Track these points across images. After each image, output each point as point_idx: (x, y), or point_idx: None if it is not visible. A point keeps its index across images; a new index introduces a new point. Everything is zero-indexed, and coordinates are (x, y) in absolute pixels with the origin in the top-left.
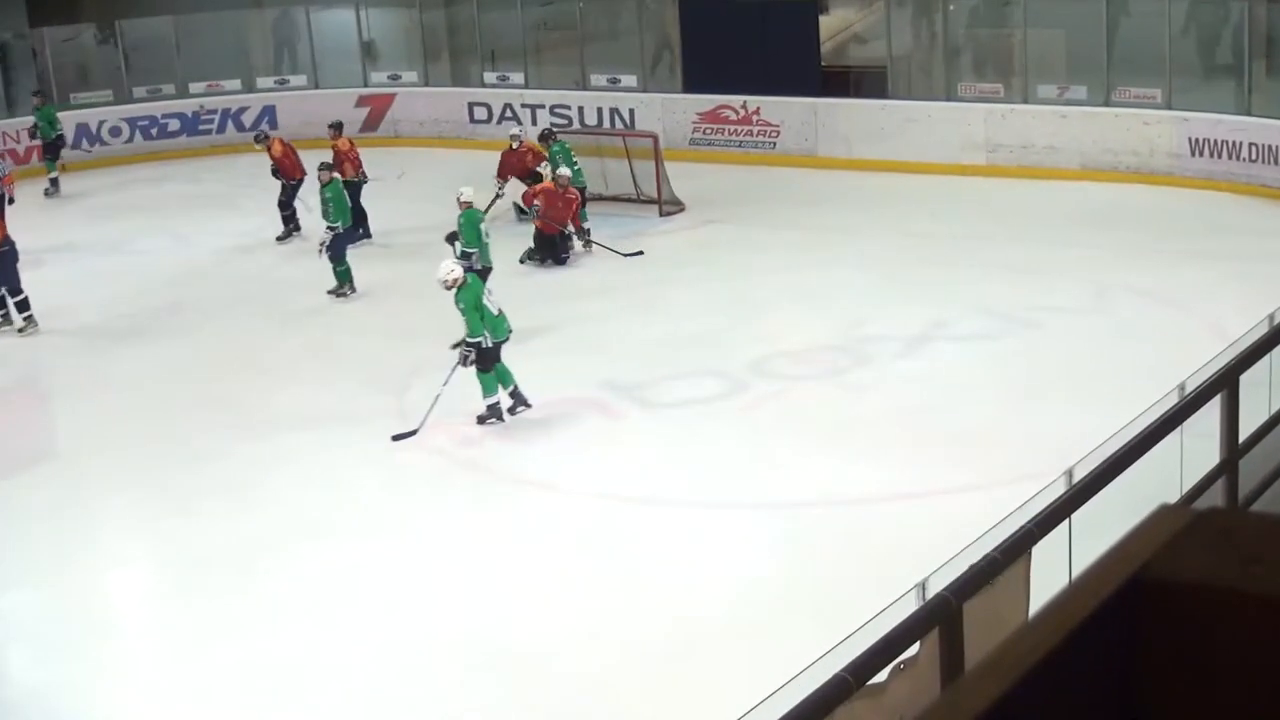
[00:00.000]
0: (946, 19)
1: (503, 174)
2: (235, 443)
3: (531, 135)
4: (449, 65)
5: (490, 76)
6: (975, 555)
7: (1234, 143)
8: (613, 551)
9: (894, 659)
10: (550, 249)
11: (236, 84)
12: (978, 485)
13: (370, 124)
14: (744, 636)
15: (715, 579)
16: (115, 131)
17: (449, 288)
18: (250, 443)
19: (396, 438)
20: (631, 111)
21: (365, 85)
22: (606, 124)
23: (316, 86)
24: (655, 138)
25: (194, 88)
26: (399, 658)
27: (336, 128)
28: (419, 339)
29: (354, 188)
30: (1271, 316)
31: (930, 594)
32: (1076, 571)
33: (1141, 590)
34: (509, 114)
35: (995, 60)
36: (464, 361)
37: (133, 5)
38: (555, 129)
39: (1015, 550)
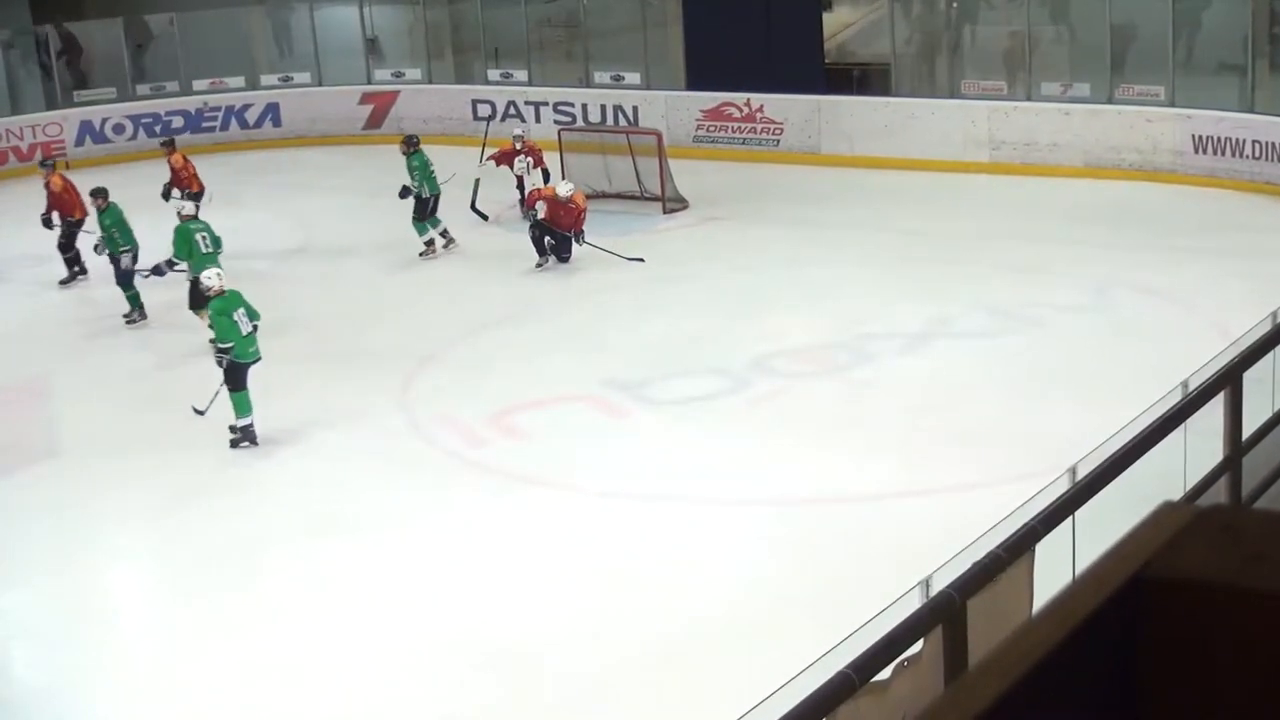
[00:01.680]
0: (950, 16)
1: (498, 161)
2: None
3: (536, 134)
4: (452, 62)
5: (494, 74)
6: (979, 552)
7: (1237, 140)
8: (614, 549)
9: (897, 656)
10: (552, 249)
11: (240, 81)
12: (981, 483)
13: (374, 121)
14: (747, 634)
15: (717, 577)
16: (119, 129)
17: (207, 293)
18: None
19: (197, 410)
20: (635, 109)
21: (369, 82)
22: (610, 121)
23: (320, 84)
24: (659, 135)
25: (197, 85)
26: (400, 656)
27: (169, 144)
28: (422, 336)
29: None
30: (1275, 314)
31: (934, 591)
32: (1080, 569)
33: (1144, 587)
34: (513, 111)
35: (999, 57)
36: (218, 362)
37: (136, 2)
38: (416, 136)
39: (1019, 547)
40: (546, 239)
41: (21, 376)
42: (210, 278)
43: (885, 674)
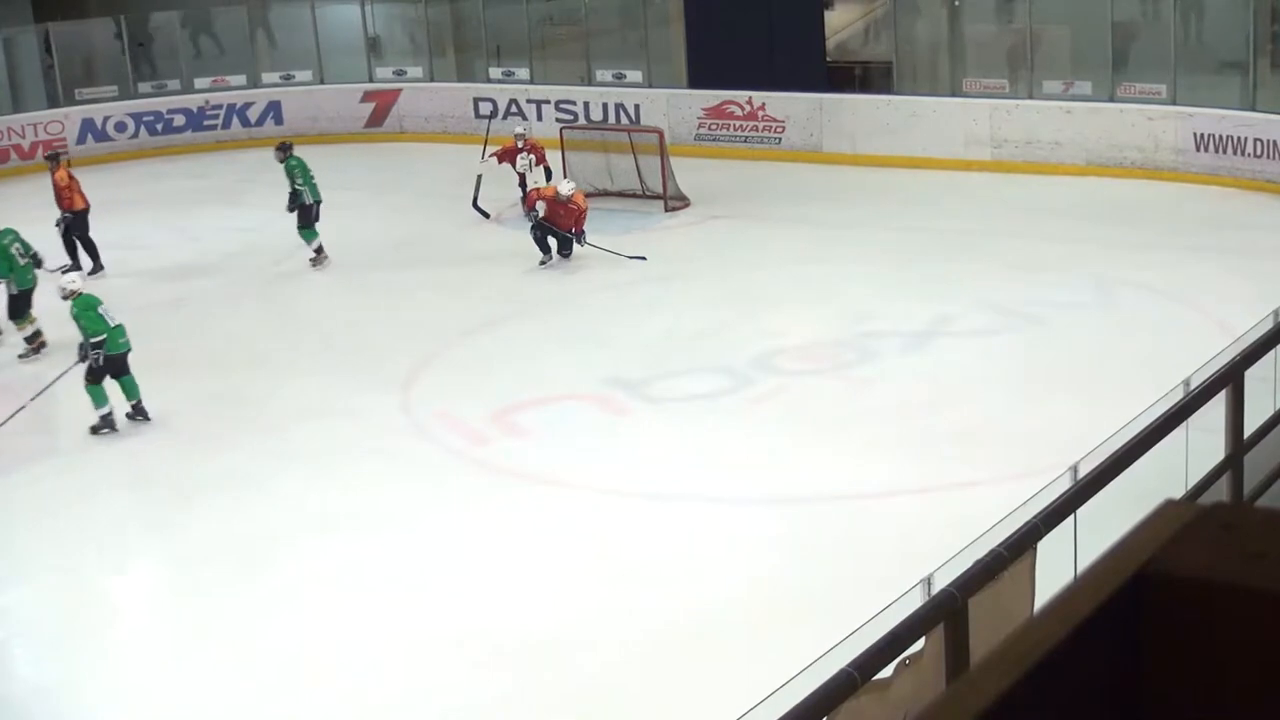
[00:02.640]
0: (952, 14)
1: (500, 159)
2: (239, 437)
3: (538, 132)
4: (454, 61)
5: (495, 72)
6: (980, 551)
7: (1239, 138)
8: (617, 547)
9: (899, 654)
10: (547, 246)
11: (242, 79)
12: (982, 481)
13: (375, 120)
14: (749, 632)
15: (719, 575)
16: (121, 127)
17: (65, 298)
18: (254, 437)
19: None
20: (637, 107)
21: (370, 80)
22: (612, 119)
23: (322, 82)
24: (660, 133)
25: (199, 83)
26: (403, 653)
27: (53, 159)
28: (423, 334)
29: (81, 219)
30: (1276, 312)
31: (936, 589)
32: (1081, 567)
33: (1146, 585)
34: (514, 109)
35: (1000, 55)
36: (94, 361)
37: (139, 0)
38: (289, 142)
39: (1020, 546)
40: (549, 238)
41: (24, 371)
42: (73, 280)
43: (887, 672)
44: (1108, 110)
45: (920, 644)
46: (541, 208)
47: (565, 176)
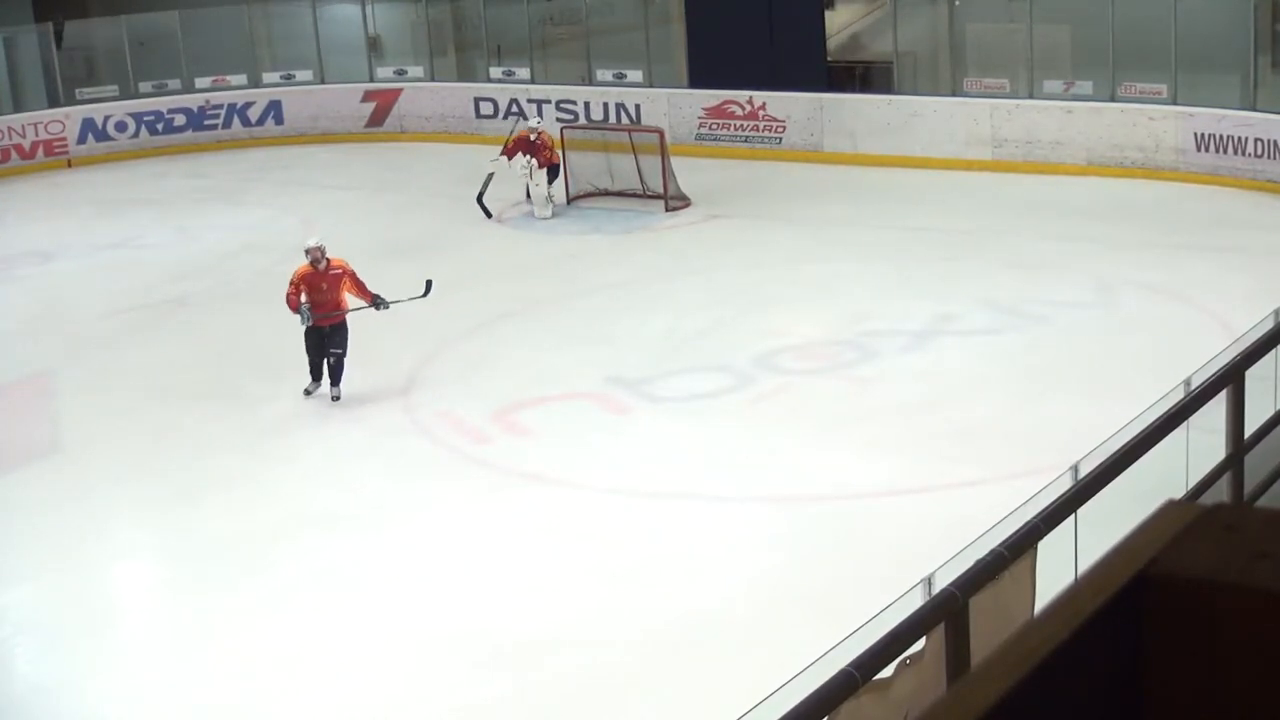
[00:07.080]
0: (952, 14)
1: (508, 153)
2: (240, 435)
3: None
4: (454, 60)
5: (496, 71)
6: (981, 550)
7: (1239, 138)
8: (618, 546)
9: (900, 654)
10: (317, 350)
11: (243, 79)
12: (983, 480)
13: (376, 119)
14: (750, 631)
15: (720, 574)
16: (121, 126)
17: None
18: (255, 435)
19: None
20: (638, 106)
21: (371, 80)
22: (612, 119)
23: (323, 81)
24: (661, 133)
25: (200, 82)
26: (403, 652)
27: None
28: (425, 333)
29: None
30: (1277, 312)
31: (936, 589)
32: (1082, 567)
33: (1147, 585)
34: (515, 109)
35: (1001, 55)
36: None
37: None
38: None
39: (1021, 545)
40: (322, 359)
41: (25, 373)
42: None
43: (887, 672)
44: (1108, 110)
45: (921, 644)
46: (305, 303)
47: (566, 176)
